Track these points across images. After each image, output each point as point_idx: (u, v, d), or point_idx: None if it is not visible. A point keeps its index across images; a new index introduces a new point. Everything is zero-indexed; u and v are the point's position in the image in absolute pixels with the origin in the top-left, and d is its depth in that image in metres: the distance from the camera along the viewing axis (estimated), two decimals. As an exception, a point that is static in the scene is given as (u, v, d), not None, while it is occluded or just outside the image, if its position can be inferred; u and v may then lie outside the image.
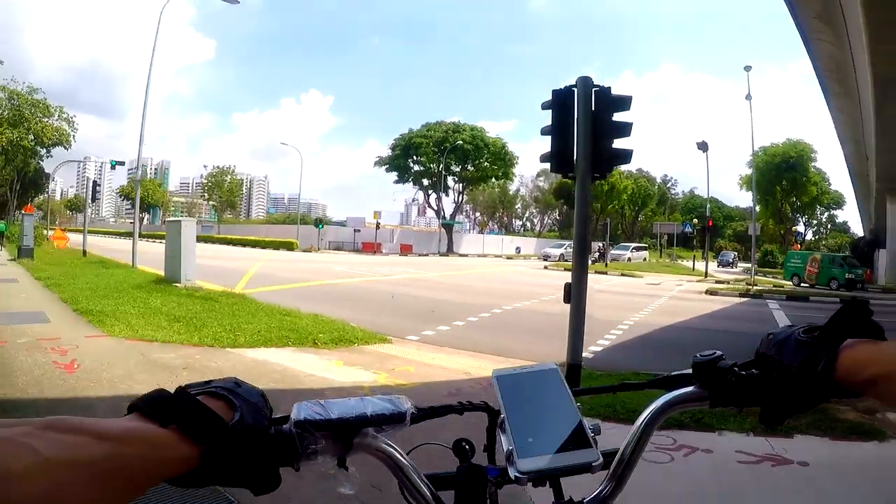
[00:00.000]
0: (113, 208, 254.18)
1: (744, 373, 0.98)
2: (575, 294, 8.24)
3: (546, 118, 7.95)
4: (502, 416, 0.96)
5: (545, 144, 7.96)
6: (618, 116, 7.84)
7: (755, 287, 30.37)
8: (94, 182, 38.81)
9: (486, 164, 78.58)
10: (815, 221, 77.80)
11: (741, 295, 27.55)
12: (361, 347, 10.55)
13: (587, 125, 7.69)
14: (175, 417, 0.73)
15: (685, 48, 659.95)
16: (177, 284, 17.49)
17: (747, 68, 41.12)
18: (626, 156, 8.09)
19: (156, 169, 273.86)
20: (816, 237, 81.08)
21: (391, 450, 0.96)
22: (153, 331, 10.56)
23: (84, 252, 31.57)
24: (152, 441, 0.70)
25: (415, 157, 76.61)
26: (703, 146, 43.38)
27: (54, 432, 0.61)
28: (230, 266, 29.00)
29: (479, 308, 17.12)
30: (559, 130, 7.89)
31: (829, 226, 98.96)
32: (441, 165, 74.93)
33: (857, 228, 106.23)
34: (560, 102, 7.87)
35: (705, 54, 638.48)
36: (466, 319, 14.94)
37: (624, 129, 7.87)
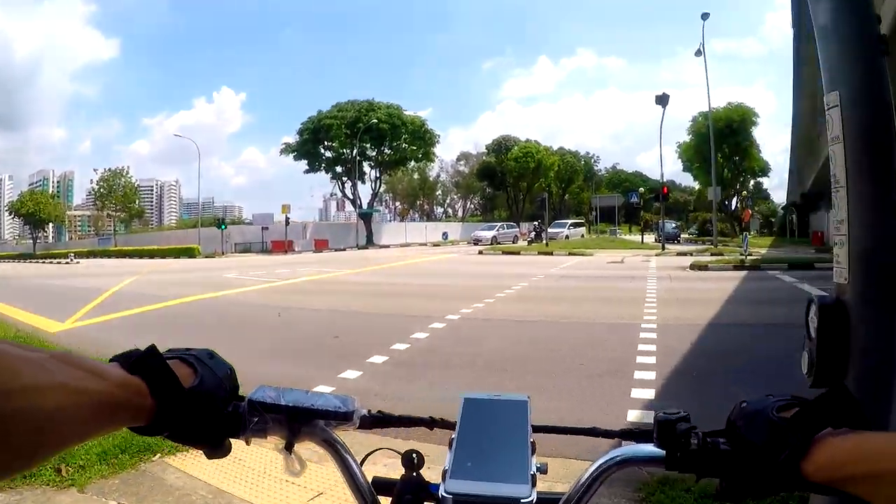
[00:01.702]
0: (17, 229, 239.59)
1: (708, 440, 0.91)
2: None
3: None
4: (453, 435, 0.99)
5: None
6: None
7: (749, 257, 26.46)
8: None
9: (404, 144, 73.02)
10: (744, 191, 75.77)
11: (736, 268, 23.93)
12: (146, 470, 4.90)
13: None
14: (141, 370, 0.82)
15: (600, 33, 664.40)
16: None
17: (704, 16, 40.78)
18: None
19: (58, 182, 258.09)
20: (743, 205, 79.71)
21: (337, 444, 1.05)
22: None
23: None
24: (128, 387, 0.79)
25: (325, 142, 70.06)
26: (662, 99, 41.26)
27: (65, 363, 0.71)
28: (91, 285, 23.14)
29: (409, 323, 11.59)
30: None
31: (755, 194, 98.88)
32: (355, 149, 68.66)
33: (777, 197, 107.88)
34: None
35: (620, 38, 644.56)
36: (390, 349, 9.38)
37: None
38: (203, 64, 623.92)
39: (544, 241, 47.07)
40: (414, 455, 1.05)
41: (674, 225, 68.82)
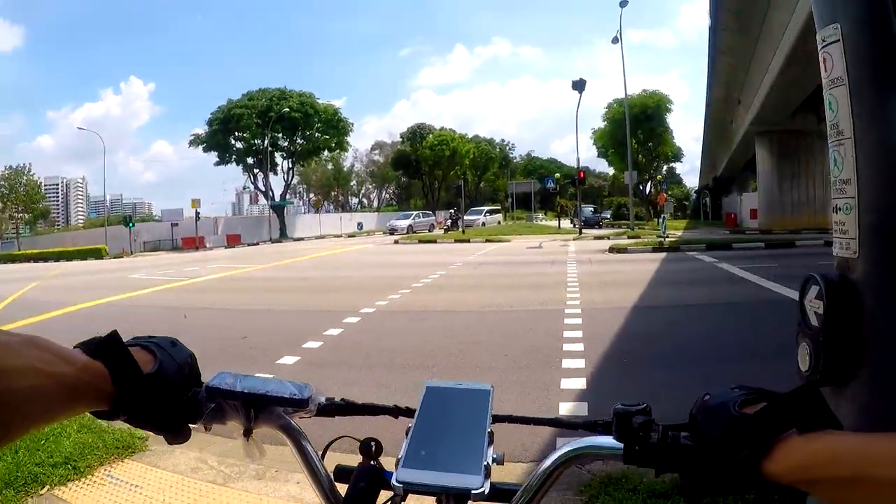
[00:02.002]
0: None
1: (669, 434, 0.88)
2: None
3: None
4: (411, 423, 0.98)
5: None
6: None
7: (667, 239, 26.87)
8: None
9: (317, 134, 71.39)
10: (658, 175, 77.49)
11: (655, 250, 24.25)
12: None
13: None
14: (101, 355, 0.84)
15: (515, 22, 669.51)
16: None
17: (623, 3, 41.75)
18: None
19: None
20: (658, 189, 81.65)
21: (295, 431, 1.05)
22: None
23: None
24: (87, 370, 0.81)
25: (236, 133, 67.92)
26: (578, 85, 41.28)
27: (35, 346, 0.75)
28: None
29: (322, 319, 11.02)
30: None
31: (669, 179, 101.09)
32: (266, 139, 66.79)
33: (689, 181, 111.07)
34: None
35: (536, 27, 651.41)
36: (302, 348, 8.83)
37: None
38: (111, 53, 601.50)
39: (461, 229, 46.86)
40: (372, 443, 1.03)
41: (592, 209, 69.36)
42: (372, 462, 1.02)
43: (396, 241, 41.55)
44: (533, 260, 22.46)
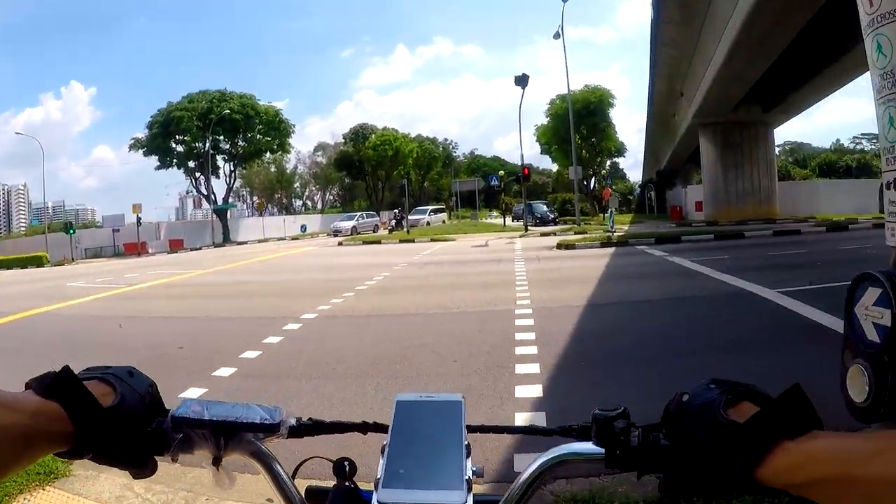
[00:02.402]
0: None
1: (649, 436, 0.88)
2: None
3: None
4: (386, 440, 0.96)
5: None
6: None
7: (615, 234, 26.77)
8: None
9: (259, 136, 70.41)
10: (602, 170, 78.15)
11: (603, 245, 24.23)
12: None
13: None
14: (56, 394, 0.80)
15: (456, 21, 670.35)
16: None
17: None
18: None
19: None
20: (600, 183, 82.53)
21: (266, 457, 1.01)
22: None
23: None
24: (42, 414, 0.77)
25: (176, 136, 66.49)
26: (521, 80, 40.64)
27: None
28: None
29: (262, 326, 10.58)
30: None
31: (613, 173, 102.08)
32: (207, 142, 65.68)
33: (632, 176, 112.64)
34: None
35: (477, 27, 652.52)
36: (239, 358, 8.43)
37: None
38: (51, 56, 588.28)
39: (405, 229, 46.56)
40: (346, 463, 1.03)
41: (545, 206, 69.19)
42: (347, 483, 1.01)
43: (340, 243, 41.24)
44: (479, 259, 22.18)
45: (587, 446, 0.92)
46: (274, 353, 8.70)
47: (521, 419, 5.43)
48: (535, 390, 6.10)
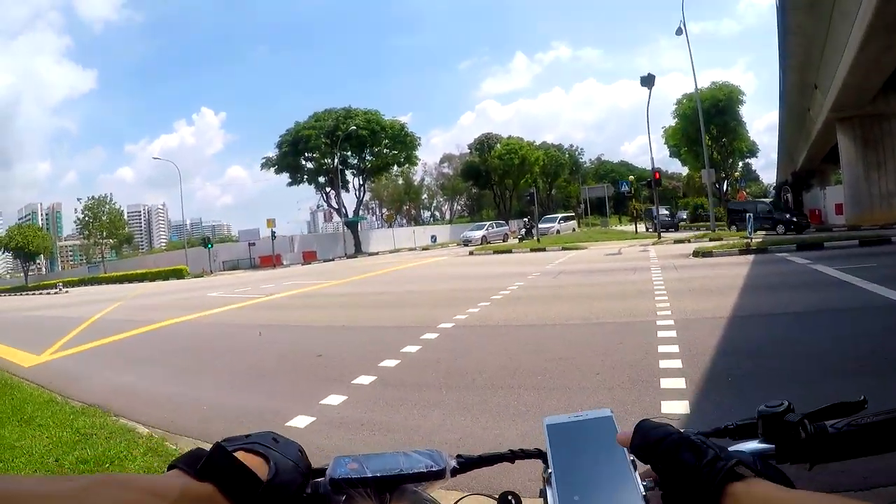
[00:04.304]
0: (10, 263, 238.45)
1: (818, 426, 0.89)
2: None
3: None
4: (549, 469, 0.92)
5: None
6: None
7: (754, 241, 25.38)
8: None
9: (385, 150, 71.57)
10: (735, 172, 75.58)
11: (742, 252, 22.92)
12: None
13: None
14: (211, 474, 0.75)
15: (572, 25, 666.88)
16: None
17: None
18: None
19: (46, 214, 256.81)
20: (733, 186, 79.79)
21: (429, 502, 0.97)
22: None
23: None
24: (195, 497, 0.72)
25: (306, 154, 68.73)
26: (647, 81, 39.48)
27: (107, 488, 0.64)
28: (74, 314, 22.15)
29: (399, 335, 10.64)
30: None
31: (745, 175, 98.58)
32: (336, 158, 67.46)
33: (766, 178, 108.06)
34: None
35: (593, 29, 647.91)
36: (379, 366, 8.48)
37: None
38: (181, 87, 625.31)
39: (535, 238, 45.77)
40: (511, 497, 0.99)
41: (665, 211, 67.90)
42: None
43: (471, 253, 41.02)
44: (614, 267, 21.51)
45: (755, 445, 0.92)
46: (413, 362, 8.65)
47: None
48: (682, 406, 5.79)
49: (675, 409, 5.75)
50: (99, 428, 6.58)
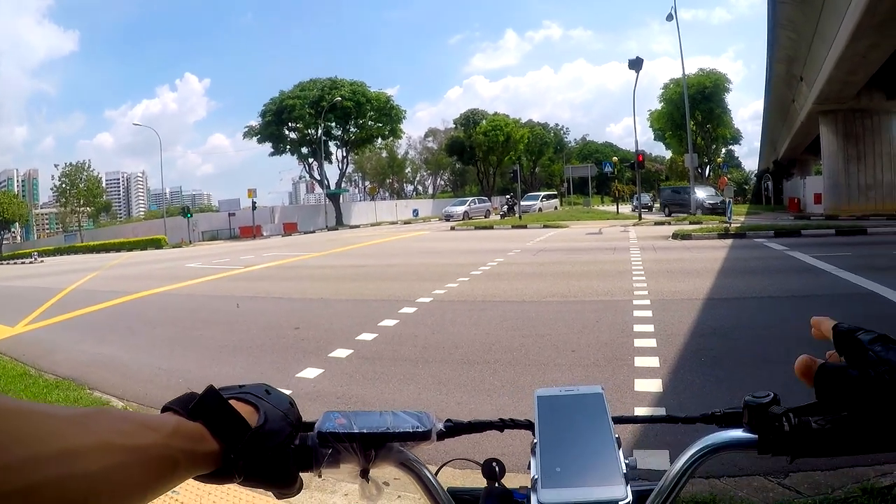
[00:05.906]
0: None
1: (803, 420, 0.87)
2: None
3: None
4: (535, 439, 0.93)
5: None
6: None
7: (733, 225, 25.87)
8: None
9: (370, 122, 71.35)
10: (717, 158, 75.87)
11: (720, 236, 23.08)
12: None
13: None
14: (202, 415, 0.77)
15: (565, 4, 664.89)
16: None
17: None
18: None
19: (22, 181, 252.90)
20: (715, 172, 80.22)
21: (416, 464, 0.99)
22: None
23: None
24: (186, 434, 0.74)
25: (289, 123, 68.31)
26: (635, 64, 39.37)
27: (107, 417, 0.65)
28: (50, 284, 21.65)
29: (377, 309, 10.72)
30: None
31: (728, 161, 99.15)
32: (320, 128, 66.92)
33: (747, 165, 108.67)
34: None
35: (586, 10, 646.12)
36: (356, 339, 8.52)
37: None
38: (165, 52, 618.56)
39: (517, 215, 46.18)
40: (495, 464, 1.00)
41: (650, 196, 68.31)
42: (496, 484, 1.00)
43: (453, 228, 41.05)
44: (594, 246, 21.62)
45: (738, 433, 0.91)
46: (390, 336, 8.66)
47: (641, 413, 5.18)
48: (655, 384, 5.88)
49: (649, 387, 5.82)
50: (73, 402, 6.57)
